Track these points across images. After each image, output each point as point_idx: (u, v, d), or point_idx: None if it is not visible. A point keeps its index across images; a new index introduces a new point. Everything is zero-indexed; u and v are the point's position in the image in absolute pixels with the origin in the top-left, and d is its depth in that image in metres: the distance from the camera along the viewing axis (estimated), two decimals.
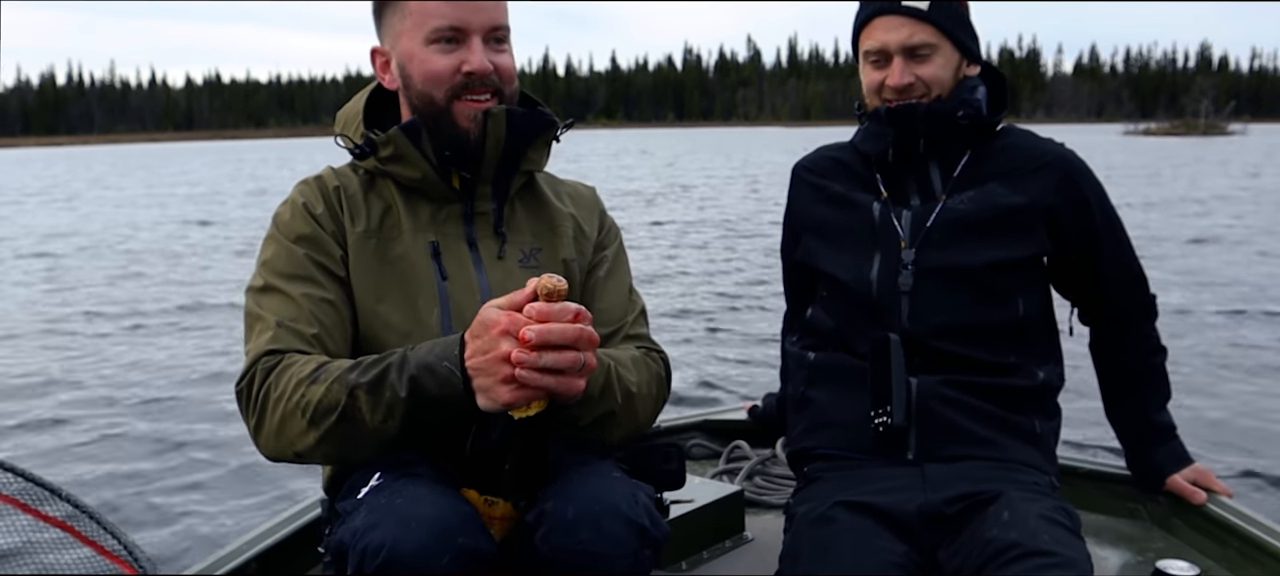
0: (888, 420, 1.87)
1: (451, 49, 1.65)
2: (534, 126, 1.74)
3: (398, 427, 1.47)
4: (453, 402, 1.42)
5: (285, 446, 1.53)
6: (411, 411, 1.45)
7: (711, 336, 7.99)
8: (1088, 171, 2.02)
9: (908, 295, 1.92)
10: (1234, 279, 10.01)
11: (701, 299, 9.60)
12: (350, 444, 1.51)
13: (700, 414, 2.97)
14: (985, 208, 1.94)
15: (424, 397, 1.44)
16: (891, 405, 1.87)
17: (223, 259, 13.31)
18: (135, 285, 11.23)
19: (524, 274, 1.66)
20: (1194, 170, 28.11)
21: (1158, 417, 2.10)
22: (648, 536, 1.44)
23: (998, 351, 1.91)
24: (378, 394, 1.46)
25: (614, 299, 1.80)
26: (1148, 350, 2.09)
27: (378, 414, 1.46)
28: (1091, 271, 2.03)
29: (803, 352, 2.09)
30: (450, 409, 1.44)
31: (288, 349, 1.57)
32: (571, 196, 1.87)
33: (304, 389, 1.49)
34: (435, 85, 1.66)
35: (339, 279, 1.66)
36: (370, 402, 1.46)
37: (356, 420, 1.47)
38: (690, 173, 33.00)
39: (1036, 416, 1.93)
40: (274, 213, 1.74)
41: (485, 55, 1.65)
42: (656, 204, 21.19)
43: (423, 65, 1.66)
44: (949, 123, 1.95)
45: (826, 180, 2.09)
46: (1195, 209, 17.87)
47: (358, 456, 1.55)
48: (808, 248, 2.11)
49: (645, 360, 1.72)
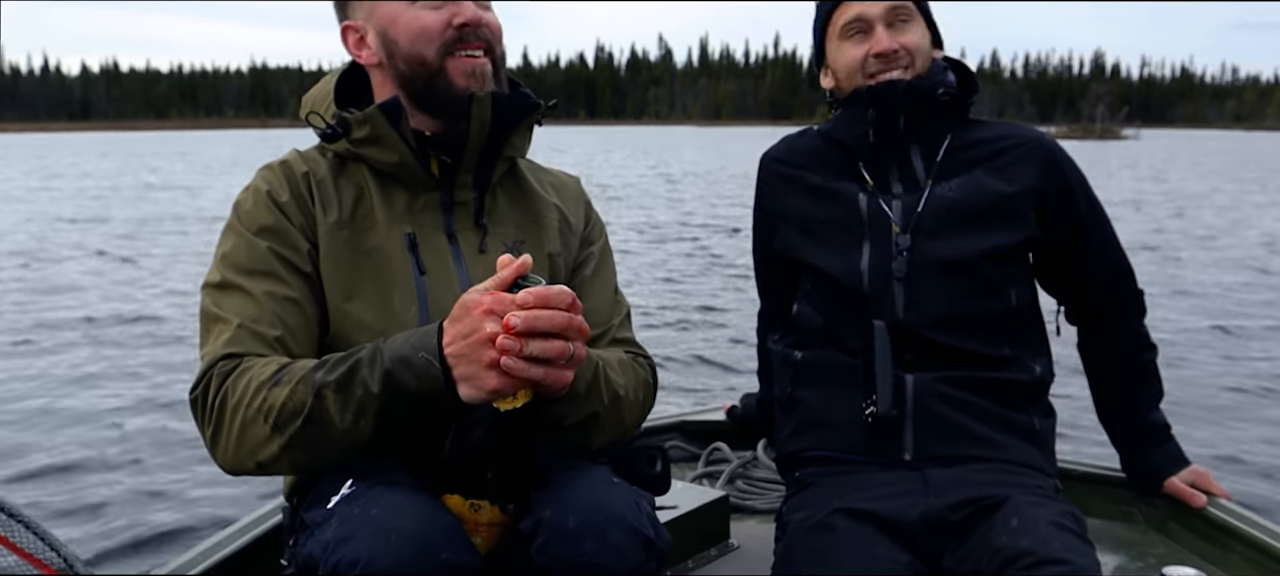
0: (875, 409, 1.81)
1: (438, 4, 1.55)
2: (519, 110, 1.63)
3: (371, 428, 1.35)
4: (432, 397, 1.31)
5: (246, 456, 1.41)
6: (386, 409, 1.34)
7: (681, 333, 7.86)
8: (1069, 158, 1.99)
9: (902, 283, 1.86)
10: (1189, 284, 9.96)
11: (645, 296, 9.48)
12: (318, 449, 1.38)
13: (676, 414, 2.88)
14: (975, 194, 1.89)
15: (400, 393, 1.32)
16: (875, 393, 1.81)
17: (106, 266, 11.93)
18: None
19: None
20: (1098, 172, 28.73)
21: (1151, 417, 2.05)
22: (653, 547, 1.36)
23: (993, 343, 1.86)
24: (348, 392, 1.34)
25: (600, 299, 1.70)
26: (1137, 348, 2.04)
27: (348, 414, 1.35)
28: (1078, 262, 1.99)
29: (788, 351, 2.02)
30: (429, 403, 1.32)
31: (247, 352, 1.44)
32: (555, 186, 1.77)
33: (265, 392, 1.37)
34: (426, 42, 1.55)
35: (304, 275, 1.53)
36: (339, 402, 1.34)
37: (325, 423, 1.35)
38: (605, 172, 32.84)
39: (1034, 413, 1.89)
40: (235, 200, 1.60)
41: (479, 7, 1.56)
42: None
43: (410, 23, 1.56)
44: (929, 100, 1.91)
45: (802, 170, 2.03)
46: (1126, 210, 18.13)
47: (326, 462, 1.42)
48: (786, 240, 2.04)
49: (633, 364, 1.64)
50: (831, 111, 2.02)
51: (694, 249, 12.94)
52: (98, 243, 13.72)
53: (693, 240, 13.96)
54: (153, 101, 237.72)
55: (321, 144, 1.63)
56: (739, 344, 7.13)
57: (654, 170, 34.01)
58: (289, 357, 1.45)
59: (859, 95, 1.92)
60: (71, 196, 22.74)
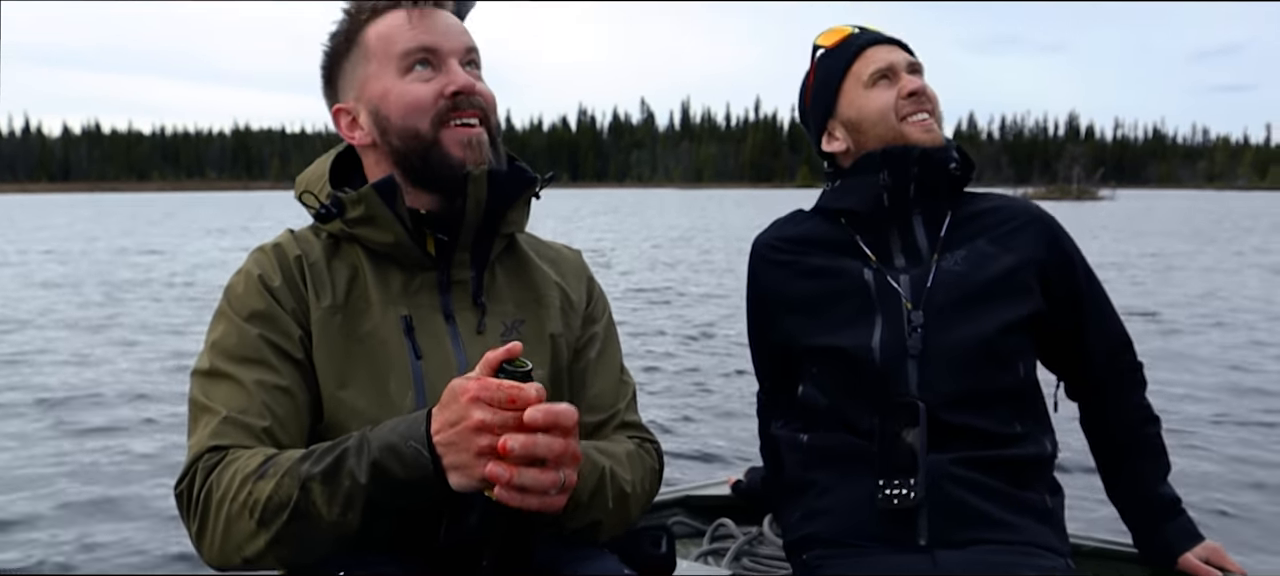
0: (904, 492, 1.75)
1: (429, 74, 1.52)
2: (516, 185, 1.59)
3: (359, 520, 1.30)
4: (422, 485, 1.26)
5: (232, 552, 1.35)
6: (375, 499, 1.28)
7: (683, 400, 7.61)
8: (1064, 230, 1.98)
9: (917, 360, 1.82)
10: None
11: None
12: (305, 544, 1.33)
13: (680, 489, 2.79)
14: (982, 267, 1.87)
15: (388, 483, 1.27)
16: (915, 477, 1.75)
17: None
18: None
19: None
20: (1083, 233, 28.99)
21: (1160, 491, 1.99)
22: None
23: (1005, 420, 1.83)
24: (334, 484, 1.29)
25: (606, 383, 1.66)
26: (1140, 420, 2.00)
27: (335, 506, 1.29)
28: (1077, 335, 1.97)
29: (794, 434, 1.98)
30: (419, 492, 1.27)
31: (233, 444, 1.39)
32: (556, 261, 1.72)
33: (251, 486, 1.32)
34: (419, 115, 1.51)
35: (296, 362, 1.48)
36: (326, 494, 1.29)
37: (312, 516, 1.30)
38: (598, 233, 32.74)
39: (1044, 490, 1.85)
40: (226, 285, 1.56)
41: (469, 77, 1.53)
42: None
43: (402, 97, 1.51)
44: (942, 170, 1.90)
45: (799, 255, 1.99)
46: (1114, 274, 18.08)
47: (314, 556, 1.35)
48: (788, 330, 1.99)
49: (640, 455, 1.59)
50: (831, 183, 2.00)
51: (688, 312, 12.75)
52: (66, 309, 13.20)
53: (682, 300, 13.82)
54: (134, 163, 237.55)
55: (315, 224, 1.60)
56: (742, 414, 6.89)
57: (639, 232, 33.95)
58: (277, 448, 1.40)
59: (872, 159, 1.90)
60: (39, 261, 22.12)
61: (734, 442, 6.11)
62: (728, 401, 7.31)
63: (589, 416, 1.61)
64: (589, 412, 1.62)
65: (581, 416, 1.58)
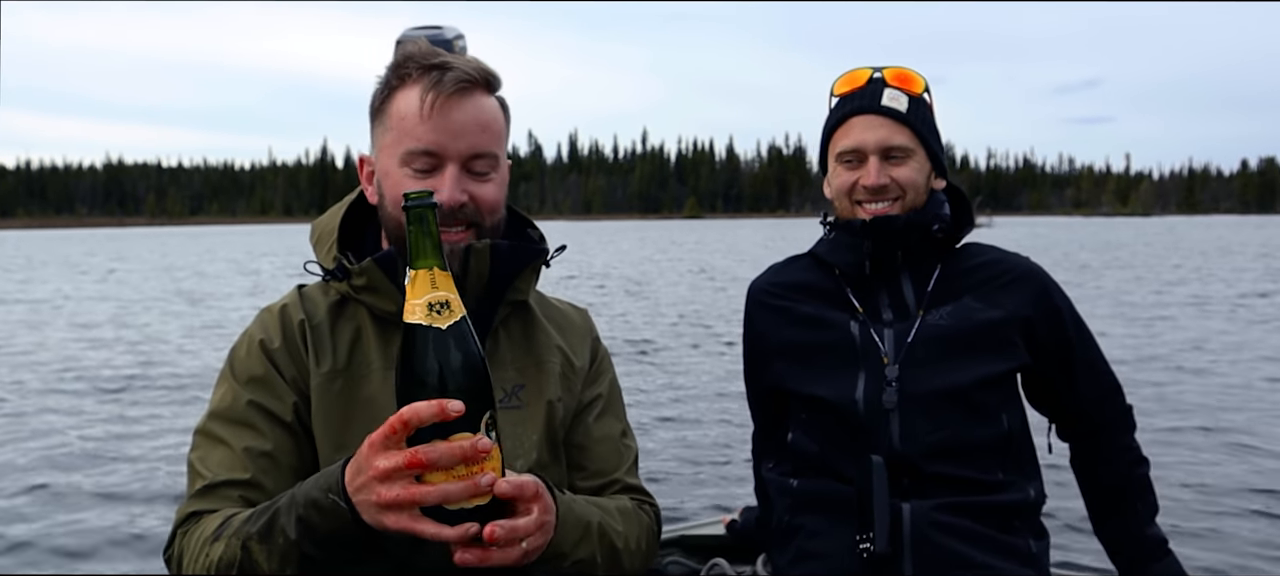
0: (871, 547, 1.80)
1: (424, 176, 1.49)
2: (519, 258, 1.60)
3: (297, 572, 1.31)
4: (346, 534, 1.25)
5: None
6: (307, 554, 1.30)
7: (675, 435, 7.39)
8: (1056, 284, 2.02)
9: (895, 414, 1.86)
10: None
11: None
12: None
13: (676, 529, 2.78)
14: (965, 323, 1.91)
15: (314, 536, 1.28)
16: (872, 531, 1.80)
17: None
18: None
19: (505, 415, 1.54)
20: None
21: (1149, 532, 2.01)
22: None
23: (987, 469, 1.87)
24: (270, 541, 1.32)
25: (607, 447, 1.68)
26: (1130, 462, 2.03)
27: (273, 561, 1.32)
28: (1067, 383, 2.00)
29: (784, 479, 2.01)
30: (345, 541, 1.27)
31: (208, 509, 1.44)
32: (561, 324, 1.72)
33: (206, 548, 1.38)
34: (401, 209, 1.49)
35: (287, 427, 1.52)
36: (264, 552, 1.32)
37: (254, 574, 1.33)
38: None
39: (1029, 536, 1.90)
40: (231, 347, 1.59)
41: (461, 185, 1.49)
42: None
43: (394, 187, 1.51)
44: (925, 236, 1.93)
45: (792, 301, 2.03)
46: None
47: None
48: (779, 372, 2.03)
49: (636, 513, 1.62)
50: (827, 232, 2.04)
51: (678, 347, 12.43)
52: None
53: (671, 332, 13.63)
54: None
55: (323, 283, 1.61)
56: (736, 450, 6.77)
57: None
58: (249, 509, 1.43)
59: (854, 226, 1.93)
60: None
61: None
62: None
63: (590, 481, 1.64)
64: (590, 477, 1.65)
65: (583, 481, 1.64)
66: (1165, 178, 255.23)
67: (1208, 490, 5.58)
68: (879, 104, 1.92)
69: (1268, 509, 5.26)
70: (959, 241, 2.01)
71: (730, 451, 6.66)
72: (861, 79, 1.97)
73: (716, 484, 5.97)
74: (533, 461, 1.56)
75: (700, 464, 6.44)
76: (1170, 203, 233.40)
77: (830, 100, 2.02)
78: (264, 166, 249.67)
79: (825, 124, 2.00)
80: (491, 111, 1.53)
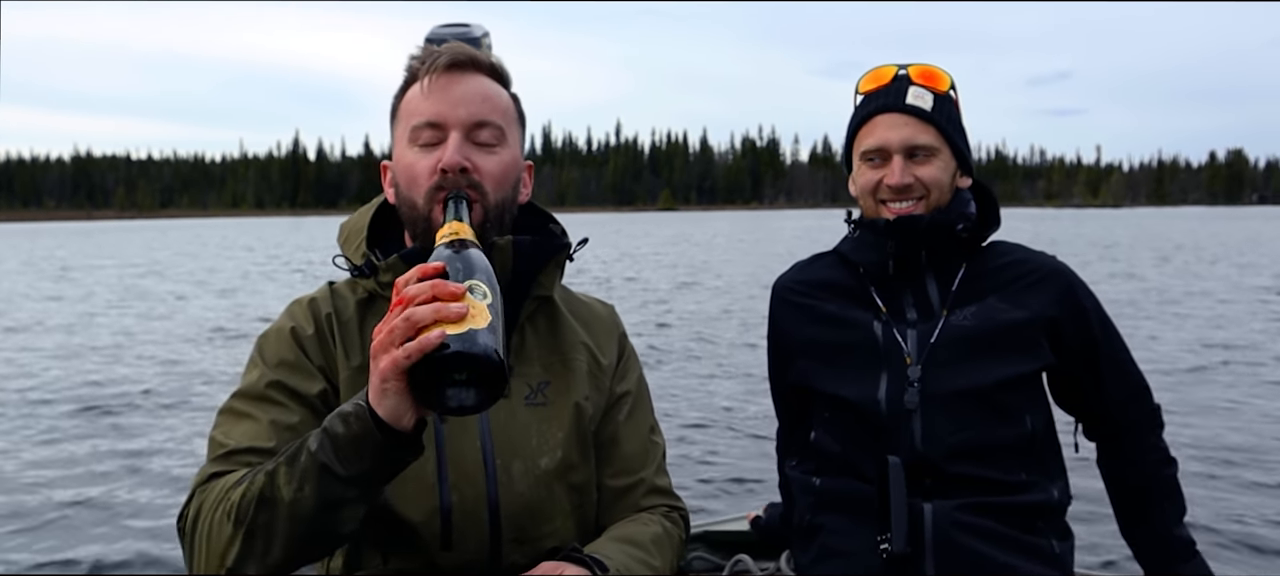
0: (887, 546, 1.79)
1: (430, 150, 1.50)
2: (542, 253, 1.60)
3: (314, 495, 1.28)
4: (365, 439, 1.24)
5: (216, 563, 1.35)
6: (326, 466, 1.27)
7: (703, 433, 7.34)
8: (1082, 283, 1.99)
9: (917, 414, 1.85)
10: None
11: None
12: (273, 534, 1.31)
13: (700, 525, 2.75)
14: (989, 324, 1.88)
15: (334, 444, 1.26)
16: (891, 532, 1.78)
17: None
18: None
19: (530, 413, 1.56)
20: None
21: (1176, 532, 1.97)
22: None
23: (1010, 470, 1.85)
24: (294, 464, 1.30)
25: (635, 445, 1.68)
26: (1157, 462, 2.00)
27: (293, 484, 1.29)
28: (1093, 383, 1.98)
29: (807, 477, 1.99)
30: (365, 449, 1.25)
31: (230, 470, 1.42)
32: (587, 320, 1.72)
33: (229, 492, 1.35)
34: (414, 188, 1.52)
35: (312, 408, 1.51)
36: (287, 475, 1.30)
37: (276, 501, 1.30)
38: None
39: (1053, 536, 1.88)
40: (260, 335, 1.60)
41: (463, 152, 1.49)
42: None
43: (408, 168, 1.52)
44: (949, 236, 1.91)
45: (816, 299, 2.01)
46: None
47: (285, 554, 1.32)
48: (802, 371, 2.01)
49: (666, 536, 1.62)
50: (852, 230, 2.02)
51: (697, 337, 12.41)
52: None
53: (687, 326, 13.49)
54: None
55: (352, 280, 1.62)
56: (763, 442, 6.67)
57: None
58: None
59: (878, 226, 1.91)
60: None
61: None
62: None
63: (618, 480, 1.65)
64: (618, 476, 1.65)
65: (611, 479, 1.65)
66: (1135, 169, 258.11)
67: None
68: (904, 102, 1.91)
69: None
70: (984, 240, 1.99)
71: (757, 447, 6.62)
72: (886, 77, 1.96)
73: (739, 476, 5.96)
74: (558, 460, 1.57)
75: (721, 460, 6.42)
76: (1140, 194, 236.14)
77: (855, 98, 2.00)
78: (235, 159, 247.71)
79: (850, 122, 1.98)
80: (495, 89, 1.56)
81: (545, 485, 1.55)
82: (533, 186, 1.71)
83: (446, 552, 1.49)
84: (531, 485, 1.53)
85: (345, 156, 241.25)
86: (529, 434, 1.55)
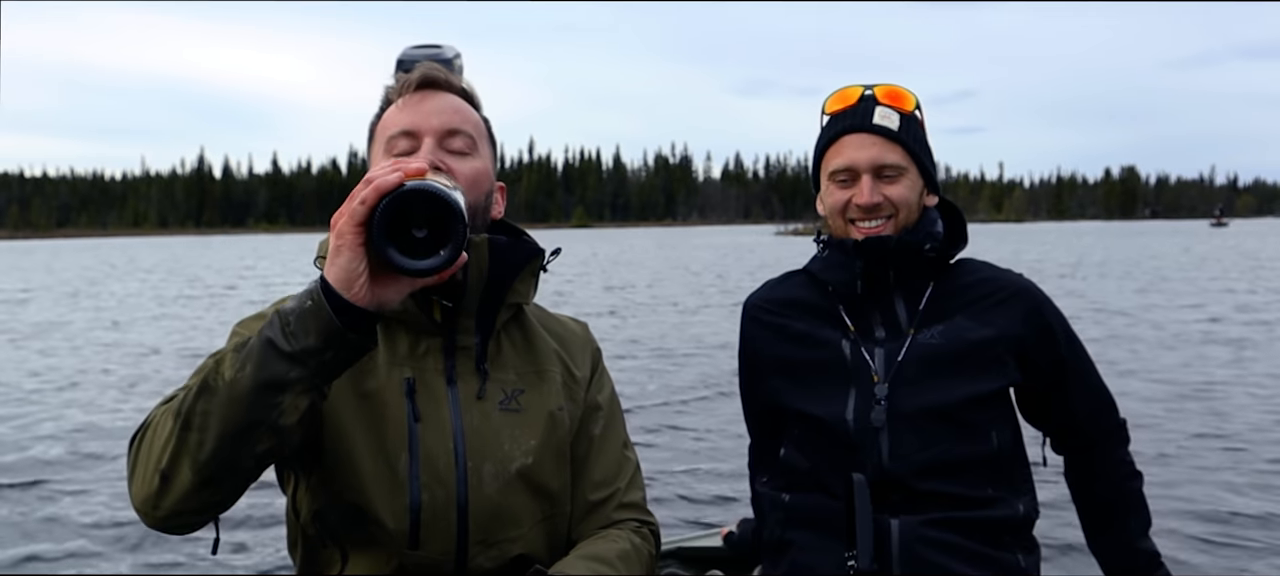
0: (856, 564, 1.80)
1: (398, 158, 1.54)
2: (517, 256, 1.64)
3: (253, 374, 1.27)
4: (317, 312, 1.26)
5: (153, 471, 1.31)
6: (271, 342, 1.27)
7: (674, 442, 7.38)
8: (1049, 300, 2.02)
9: (884, 432, 1.87)
10: None
11: None
12: (205, 424, 1.28)
13: (673, 541, 2.77)
14: (956, 342, 1.91)
15: (285, 317, 1.28)
16: (857, 549, 1.80)
17: None
18: None
19: (503, 417, 1.59)
20: None
21: (1141, 545, 2.02)
22: None
23: (976, 486, 1.87)
24: (242, 349, 1.30)
25: (609, 461, 1.71)
26: (1123, 476, 2.05)
27: (234, 367, 1.28)
28: (1061, 399, 2.02)
29: (777, 493, 2.01)
30: (313, 321, 1.26)
31: None
32: (561, 336, 1.76)
33: (179, 394, 1.33)
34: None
35: None
36: (233, 360, 1.29)
37: (215, 388, 1.28)
38: None
39: (1019, 550, 1.90)
40: (238, 322, 1.59)
41: (437, 156, 1.54)
42: None
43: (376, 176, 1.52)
44: (917, 255, 1.94)
45: (785, 318, 2.04)
46: None
47: (210, 446, 1.29)
48: (773, 388, 2.04)
49: (635, 552, 1.64)
50: (821, 250, 2.03)
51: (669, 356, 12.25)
52: None
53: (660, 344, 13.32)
54: None
55: None
56: (735, 459, 6.63)
57: None
58: None
59: (847, 246, 1.94)
60: None
61: None
62: None
63: (592, 494, 1.68)
64: (592, 490, 1.68)
65: (584, 494, 1.68)
66: (1036, 185, 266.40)
67: None
68: (871, 122, 1.93)
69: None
70: (952, 258, 2.02)
71: (729, 462, 6.65)
72: (853, 97, 1.98)
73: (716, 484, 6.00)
74: (530, 466, 1.58)
75: (697, 473, 6.48)
76: (1042, 209, 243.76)
77: (821, 118, 2.02)
78: (137, 176, 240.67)
79: (817, 143, 2.01)
80: (466, 107, 1.63)
81: (515, 490, 1.57)
82: None
83: (413, 551, 1.50)
84: (501, 488, 1.55)
85: (252, 174, 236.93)
86: (501, 438, 1.57)
